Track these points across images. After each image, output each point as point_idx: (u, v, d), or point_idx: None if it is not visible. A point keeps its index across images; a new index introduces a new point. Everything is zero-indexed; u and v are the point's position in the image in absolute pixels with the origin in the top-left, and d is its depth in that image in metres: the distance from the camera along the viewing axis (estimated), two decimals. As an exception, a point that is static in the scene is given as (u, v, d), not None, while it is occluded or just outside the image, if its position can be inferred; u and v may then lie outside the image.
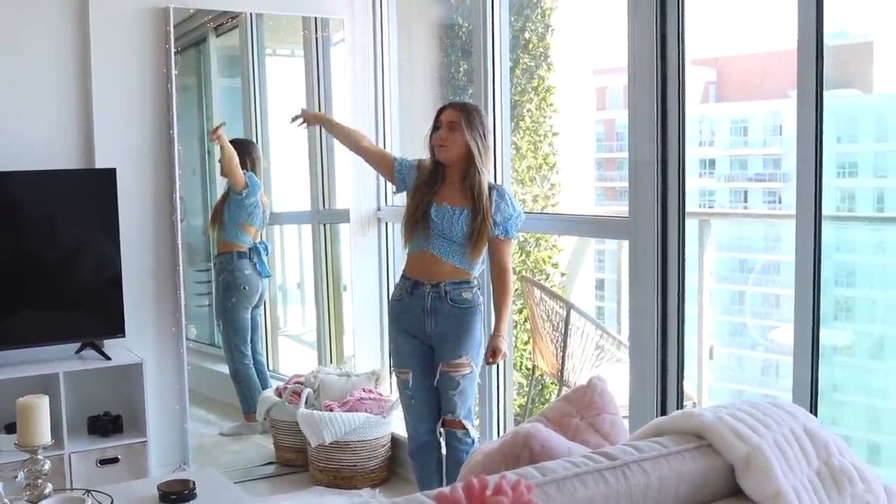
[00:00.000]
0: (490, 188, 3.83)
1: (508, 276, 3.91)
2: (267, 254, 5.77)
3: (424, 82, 5.44)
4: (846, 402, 4.45)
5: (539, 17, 6.04)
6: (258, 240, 5.68)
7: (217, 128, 5.44)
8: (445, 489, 1.29)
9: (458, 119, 3.82)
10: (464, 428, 3.89)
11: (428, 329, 3.89)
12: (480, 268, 3.94)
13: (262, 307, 5.97)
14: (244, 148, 5.67)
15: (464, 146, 3.80)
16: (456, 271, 3.83)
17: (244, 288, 5.61)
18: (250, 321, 5.74)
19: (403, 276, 3.96)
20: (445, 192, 3.87)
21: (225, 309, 5.66)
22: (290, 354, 6.90)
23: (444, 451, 4.05)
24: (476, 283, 3.89)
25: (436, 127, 3.87)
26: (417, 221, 3.88)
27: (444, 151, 3.84)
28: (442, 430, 4.01)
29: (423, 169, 3.99)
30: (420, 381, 3.95)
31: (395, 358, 4.07)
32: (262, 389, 5.66)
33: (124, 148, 4.51)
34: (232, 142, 5.79)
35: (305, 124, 4.42)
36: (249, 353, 5.73)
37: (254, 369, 5.73)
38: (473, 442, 3.91)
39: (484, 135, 3.83)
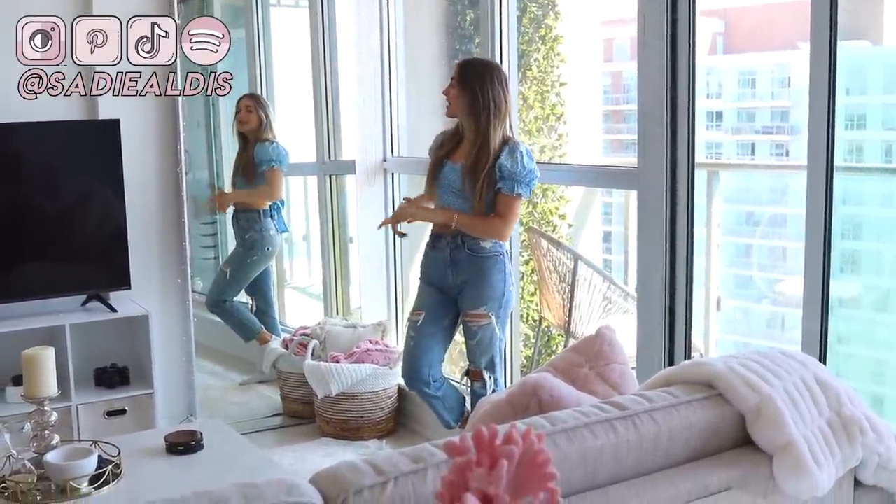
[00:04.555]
0: (504, 142, 3.79)
1: (499, 221, 3.80)
2: (283, 208, 5.78)
3: (430, 31, 5.38)
4: (851, 354, 4.45)
5: (546, -36, 5.97)
6: None
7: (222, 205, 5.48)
8: (455, 438, 1.27)
9: (456, 75, 3.84)
10: (482, 379, 3.92)
11: (450, 280, 3.92)
12: None
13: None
14: (258, 104, 5.62)
15: (461, 102, 3.79)
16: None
17: (268, 248, 5.61)
18: (261, 275, 5.75)
19: (431, 233, 4.02)
20: (462, 149, 3.89)
21: (241, 263, 5.64)
22: (297, 306, 6.92)
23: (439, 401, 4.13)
24: None
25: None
26: (432, 178, 3.95)
27: (448, 108, 3.90)
28: (468, 380, 4.06)
29: (446, 132, 4.02)
30: (427, 325, 3.99)
31: (415, 303, 4.12)
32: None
33: (127, 99, 4.45)
34: (241, 96, 5.73)
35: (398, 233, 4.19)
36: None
37: (234, 304, 5.73)
38: (494, 392, 3.93)
39: (489, 89, 3.77)
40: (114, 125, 4.32)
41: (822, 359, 3.07)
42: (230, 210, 5.80)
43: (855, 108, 4.46)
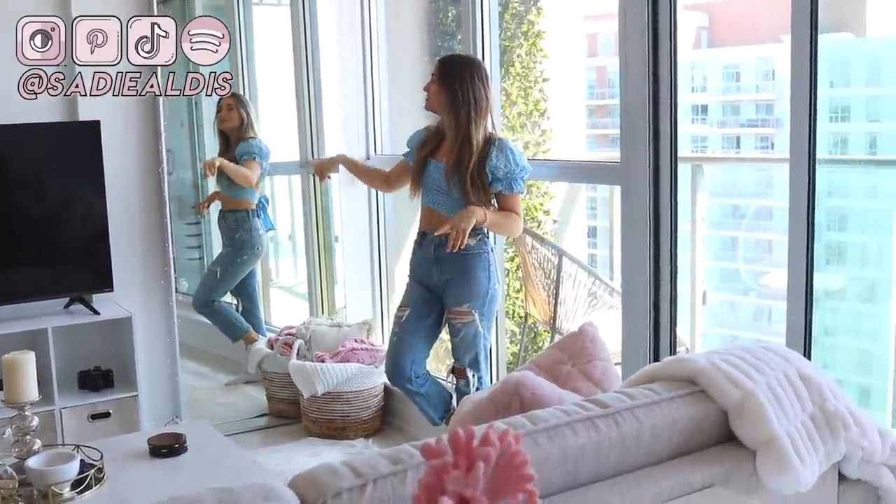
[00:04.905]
0: (489, 141, 3.77)
1: (517, 219, 3.84)
2: (268, 206, 5.76)
3: (412, 29, 5.36)
4: (837, 345, 4.45)
5: (528, -39, 5.95)
6: (261, 194, 5.65)
7: (210, 165, 5.35)
8: (431, 440, 1.26)
9: (436, 71, 3.84)
10: (466, 377, 3.92)
11: (436, 279, 3.92)
12: None
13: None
14: (239, 103, 5.59)
15: (441, 98, 3.79)
16: None
17: (257, 248, 5.59)
18: (246, 276, 5.72)
19: (418, 231, 4.02)
20: (444, 147, 3.87)
21: (231, 263, 5.60)
22: (283, 306, 6.90)
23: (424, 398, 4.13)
24: (482, 230, 3.85)
25: None
26: (416, 177, 3.94)
27: (427, 102, 3.90)
28: (453, 377, 4.07)
29: (430, 128, 4.02)
30: (412, 321, 3.99)
31: (402, 299, 4.12)
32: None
33: (108, 100, 4.42)
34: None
35: (319, 177, 4.41)
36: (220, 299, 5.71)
37: (221, 304, 5.69)
38: (478, 391, 3.91)
39: (469, 85, 3.76)
40: (94, 126, 4.29)
41: (807, 351, 3.06)
42: (216, 209, 5.77)
43: (839, 101, 4.46)
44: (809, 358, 3.05)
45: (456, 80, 3.76)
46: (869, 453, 1.98)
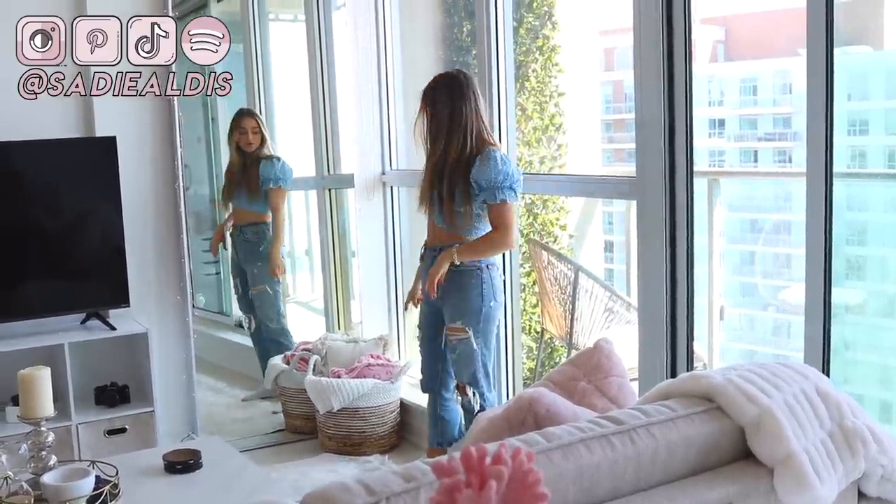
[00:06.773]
0: (473, 152, 3.74)
1: (496, 234, 3.76)
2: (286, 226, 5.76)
3: (427, 44, 5.37)
4: (858, 360, 4.42)
5: (543, -25, 5.95)
6: None
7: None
8: (443, 458, 1.24)
9: (421, 99, 3.85)
10: (466, 394, 3.90)
11: (434, 295, 3.88)
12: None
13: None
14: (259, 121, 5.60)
15: (428, 121, 3.81)
16: (451, 237, 3.81)
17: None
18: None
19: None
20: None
21: (251, 275, 5.60)
22: (299, 321, 6.89)
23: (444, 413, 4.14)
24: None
25: None
26: (424, 192, 3.92)
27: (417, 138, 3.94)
28: (457, 393, 4.06)
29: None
30: (426, 341, 4.04)
31: (418, 319, 4.15)
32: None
33: (124, 115, 4.45)
34: (239, 112, 5.71)
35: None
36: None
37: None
38: (481, 408, 3.89)
39: (453, 101, 3.75)
40: (110, 142, 4.30)
41: (825, 366, 3.03)
42: (231, 226, 5.77)
43: (858, 114, 4.44)
44: (828, 373, 3.03)
45: (439, 99, 3.79)
46: (889, 471, 1.95)
